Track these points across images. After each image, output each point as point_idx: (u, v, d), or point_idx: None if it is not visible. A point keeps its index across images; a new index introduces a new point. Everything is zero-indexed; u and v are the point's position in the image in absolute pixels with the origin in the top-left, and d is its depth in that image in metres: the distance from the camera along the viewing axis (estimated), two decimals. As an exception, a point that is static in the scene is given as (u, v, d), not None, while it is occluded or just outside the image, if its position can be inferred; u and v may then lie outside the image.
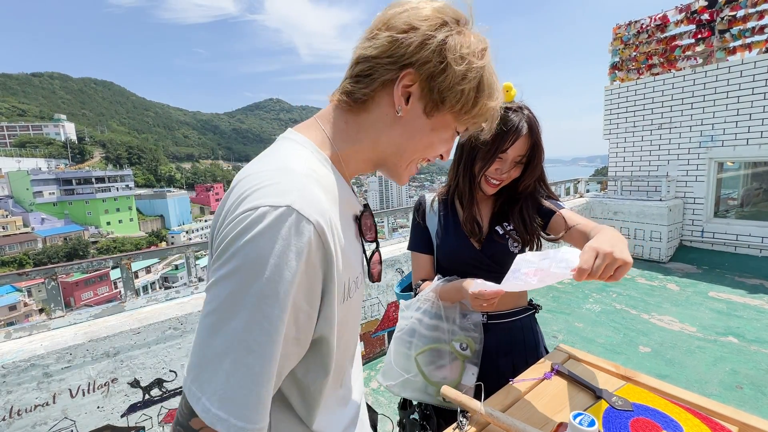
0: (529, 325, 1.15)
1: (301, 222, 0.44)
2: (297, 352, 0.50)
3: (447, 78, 0.52)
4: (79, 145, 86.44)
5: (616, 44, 5.99)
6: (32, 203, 52.61)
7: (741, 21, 4.75)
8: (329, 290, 0.49)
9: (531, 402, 0.83)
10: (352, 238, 0.59)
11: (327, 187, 0.52)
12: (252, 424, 0.43)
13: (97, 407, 1.75)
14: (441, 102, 0.54)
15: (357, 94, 0.55)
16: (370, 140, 0.58)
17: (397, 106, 0.55)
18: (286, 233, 0.43)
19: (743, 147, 4.72)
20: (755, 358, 2.67)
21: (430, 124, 0.57)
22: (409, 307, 1.05)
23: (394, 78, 0.53)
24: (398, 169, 0.61)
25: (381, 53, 0.53)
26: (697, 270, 4.62)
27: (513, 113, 1.00)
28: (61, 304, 1.88)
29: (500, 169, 1.03)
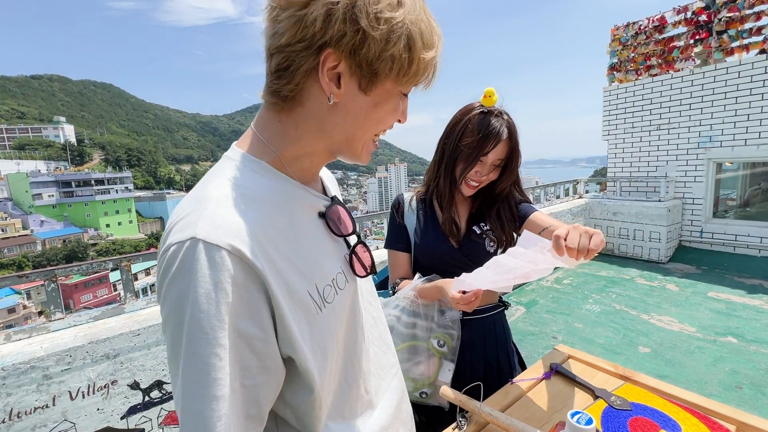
0: (499, 321, 1.19)
1: (211, 250, 0.42)
2: (270, 379, 0.47)
3: (370, 47, 0.46)
4: (78, 148, 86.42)
5: (614, 45, 6.01)
6: (31, 205, 52.57)
7: (738, 22, 4.77)
8: (279, 310, 0.46)
9: (530, 402, 0.83)
10: (316, 239, 0.55)
11: (258, 199, 0.49)
12: None
13: (96, 409, 1.75)
14: (374, 74, 0.48)
15: (283, 92, 0.49)
16: (312, 133, 0.53)
17: (328, 93, 0.48)
18: (196, 267, 0.41)
19: (741, 147, 4.74)
20: (755, 358, 2.67)
21: (371, 100, 0.51)
22: (387, 305, 1.07)
23: (316, 64, 0.47)
24: (355, 152, 0.56)
25: (290, 40, 0.46)
26: (697, 270, 4.62)
27: (494, 118, 1.04)
28: (61, 306, 1.89)
29: (480, 172, 1.07)
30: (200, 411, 0.41)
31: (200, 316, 0.41)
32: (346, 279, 0.58)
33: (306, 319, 0.49)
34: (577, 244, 0.72)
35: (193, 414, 0.42)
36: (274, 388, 0.48)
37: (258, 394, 0.46)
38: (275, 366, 0.48)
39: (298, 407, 0.52)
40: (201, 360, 0.41)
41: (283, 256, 0.48)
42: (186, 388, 0.42)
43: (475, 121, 1.06)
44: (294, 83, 0.49)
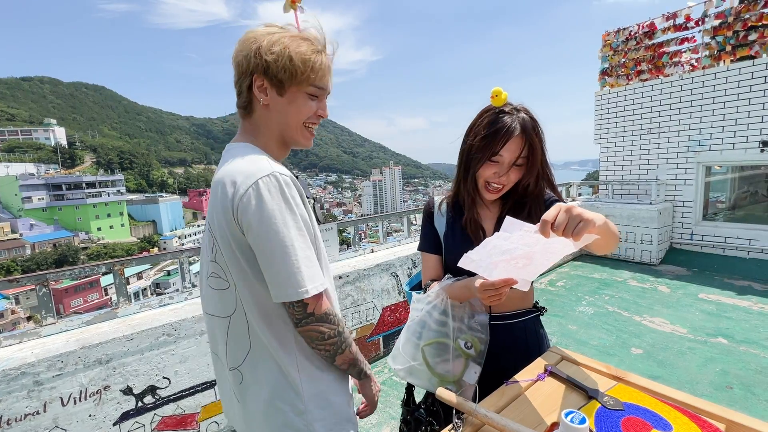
0: (532, 328, 1.14)
1: (283, 177, 0.77)
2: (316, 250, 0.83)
3: (272, 66, 0.79)
4: (69, 150, 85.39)
5: (605, 51, 6.10)
6: (21, 209, 51.75)
7: (726, 29, 4.87)
8: (310, 213, 0.84)
9: (525, 403, 0.84)
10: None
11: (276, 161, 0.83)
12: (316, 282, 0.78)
13: (88, 415, 1.73)
14: (280, 82, 0.81)
15: (242, 104, 0.86)
16: (267, 129, 0.87)
17: (259, 99, 0.83)
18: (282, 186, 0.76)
19: (730, 151, 4.83)
20: (744, 359, 2.72)
21: (285, 100, 0.83)
22: (420, 301, 1.09)
23: (250, 83, 0.82)
24: (295, 138, 0.88)
25: (238, 74, 0.84)
26: (687, 272, 4.69)
27: (506, 115, 1.00)
28: (52, 310, 1.86)
29: (498, 173, 1.02)
30: (308, 255, 0.78)
31: (294, 209, 0.77)
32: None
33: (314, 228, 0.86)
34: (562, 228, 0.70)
35: (305, 259, 0.77)
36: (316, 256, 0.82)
37: (314, 257, 0.80)
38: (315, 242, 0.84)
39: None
40: (297, 230, 0.77)
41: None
42: (297, 247, 0.76)
43: (487, 120, 1.03)
44: (244, 97, 0.85)
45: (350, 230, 3.59)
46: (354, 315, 2.81)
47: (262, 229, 0.74)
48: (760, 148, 4.57)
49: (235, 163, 0.79)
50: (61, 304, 31.77)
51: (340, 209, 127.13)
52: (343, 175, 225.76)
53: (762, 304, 3.60)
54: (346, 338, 0.83)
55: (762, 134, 4.55)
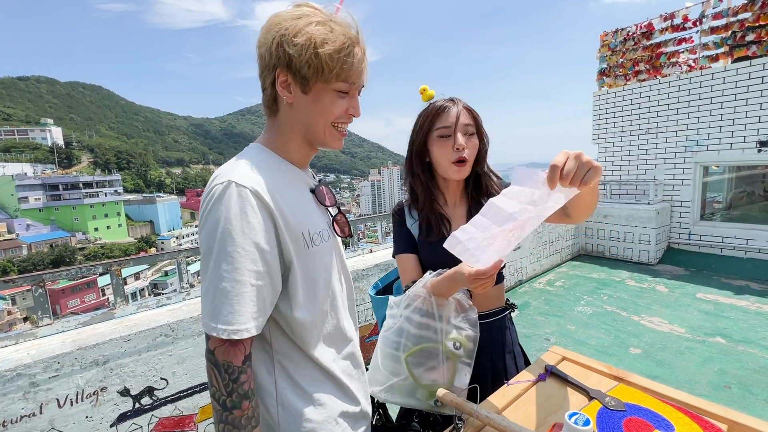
0: (506, 325, 1.17)
1: (239, 188, 0.66)
2: (272, 284, 0.69)
3: (295, 60, 0.70)
4: (66, 150, 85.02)
5: (603, 51, 6.11)
6: (17, 209, 51.49)
7: (723, 29, 4.89)
8: (282, 236, 0.70)
9: (526, 403, 0.84)
10: (310, 203, 0.81)
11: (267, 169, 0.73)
12: (229, 326, 0.63)
13: (85, 417, 1.71)
14: (306, 78, 0.71)
15: (266, 102, 0.78)
16: (290, 130, 0.78)
17: (282, 96, 0.74)
18: (230, 197, 0.66)
19: (727, 151, 4.84)
20: (742, 358, 2.72)
21: (311, 98, 0.74)
22: (398, 305, 1.00)
23: (274, 79, 0.73)
24: (320, 139, 0.78)
25: (261, 68, 0.75)
26: (685, 272, 4.70)
27: (434, 102, 1.09)
28: (48, 311, 1.85)
29: (456, 143, 1.04)
30: (224, 287, 0.64)
31: (230, 227, 0.65)
32: (329, 235, 0.82)
33: (296, 249, 0.73)
34: (572, 176, 0.66)
35: (219, 291, 0.64)
36: (272, 292, 0.70)
37: (263, 293, 0.68)
38: (276, 274, 0.70)
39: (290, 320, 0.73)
40: (228, 255, 0.64)
41: (284, 203, 0.71)
42: (215, 274, 0.64)
43: (423, 113, 1.11)
44: (268, 94, 0.76)
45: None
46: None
47: (202, 242, 0.68)
48: (758, 148, 4.59)
49: (223, 166, 0.73)
50: (58, 304, 31.61)
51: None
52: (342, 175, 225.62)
53: (759, 304, 3.61)
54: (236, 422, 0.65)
55: (759, 134, 4.57)
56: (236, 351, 0.64)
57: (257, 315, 0.66)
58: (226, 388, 0.64)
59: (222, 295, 0.63)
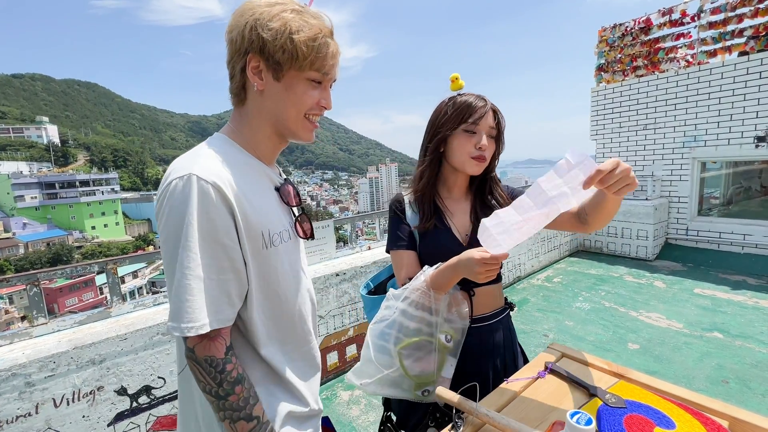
0: (506, 324, 1.16)
1: (200, 182, 0.63)
2: (238, 278, 0.68)
3: (269, 45, 0.67)
4: (62, 148, 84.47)
5: (601, 46, 6.09)
6: (13, 208, 51.19)
7: (721, 24, 4.88)
8: (241, 233, 0.68)
9: (526, 401, 0.83)
10: (273, 201, 0.78)
11: (231, 162, 0.70)
12: (193, 323, 0.61)
13: (82, 416, 1.70)
14: (278, 65, 0.69)
15: (234, 90, 0.74)
16: (258, 120, 0.75)
17: (252, 83, 0.70)
18: (191, 192, 0.62)
19: (725, 147, 4.85)
20: (740, 353, 2.73)
21: (282, 86, 0.71)
22: (396, 297, 0.99)
23: (245, 65, 0.70)
24: (292, 130, 0.76)
25: (230, 54, 0.72)
26: (683, 267, 4.71)
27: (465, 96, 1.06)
28: (43, 311, 1.83)
29: (478, 142, 1.04)
30: (188, 284, 0.62)
31: (192, 222, 0.62)
32: (290, 237, 0.79)
33: (252, 249, 0.70)
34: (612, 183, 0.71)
35: (181, 287, 0.62)
36: (238, 285, 0.69)
37: (229, 287, 0.67)
38: (241, 268, 0.69)
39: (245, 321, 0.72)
40: (191, 250, 0.62)
41: (246, 200, 0.68)
42: (180, 272, 0.62)
43: (452, 102, 1.07)
44: (237, 81, 0.73)
45: (347, 227, 3.56)
46: (351, 312, 2.79)
47: (162, 239, 0.65)
48: (755, 144, 4.59)
49: (181, 157, 0.70)
50: (56, 303, 31.49)
51: (337, 206, 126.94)
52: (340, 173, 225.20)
53: (756, 299, 3.63)
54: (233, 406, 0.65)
55: (757, 129, 4.57)
56: (216, 344, 0.64)
57: (224, 307, 0.65)
58: (214, 381, 0.64)
59: (186, 292, 0.61)
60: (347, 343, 2.77)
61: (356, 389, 2.52)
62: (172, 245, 0.63)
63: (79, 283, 33.98)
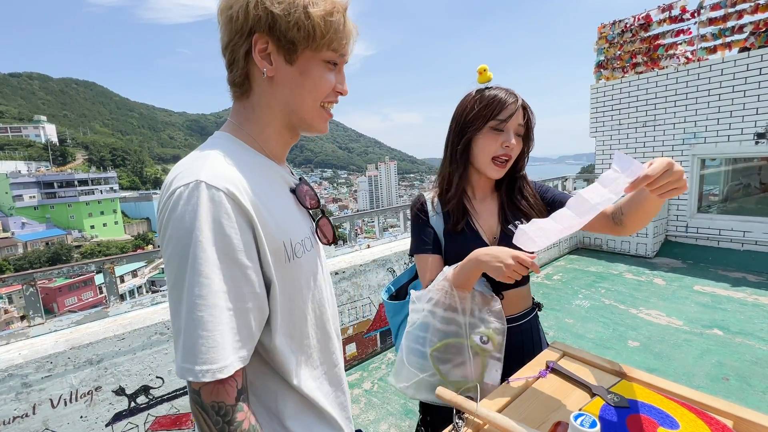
0: (535, 324, 1.13)
1: (211, 190, 0.52)
2: (258, 306, 0.57)
3: (280, 21, 0.57)
4: (60, 148, 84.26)
5: (601, 43, 6.07)
6: (12, 207, 51.09)
7: (721, 20, 4.86)
8: (262, 248, 0.57)
9: (527, 401, 0.82)
10: (291, 206, 0.67)
11: (242, 164, 0.59)
12: (212, 364, 0.50)
13: (80, 417, 1.69)
14: (292, 44, 0.59)
15: (236, 79, 0.62)
16: (268, 113, 0.64)
17: (262, 69, 0.60)
18: (199, 202, 0.51)
19: (724, 144, 4.83)
20: (740, 350, 2.73)
21: (297, 70, 0.61)
22: (420, 299, 0.95)
23: (250, 48, 0.59)
24: (308, 122, 0.65)
25: (230, 36, 0.59)
26: (682, 264, 4.71)
27: (493, 90, 1.00)
28: (40, 310, 1.81)
29: (505, 141, 0.98)
30: (202, 317, 0.50)
31: (203, 239, 0.50)
32: (312, 244, 0.68)
33: (275, 264, 0.59)
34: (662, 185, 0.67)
35: (195, 320, 0.50)
36: (259, 314, 0.57)
37: (249, 317, 0.55)
38: (261, 293, 0.57)
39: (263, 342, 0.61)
40: (203, 275, 0.50)
41: (265, 208, 0.58)
42: (190, 301, 0.50)
43: (480, 96, 1.01)
44: (240, 69, 0.61)
45: (346, 226, 3.55)
46: (350, 311, 2.78)
47: (166, 259, 0.54)
48: (755, 140, 4.58)
49: (180, 162, 0.59)
50: (55, 302, 31.47)
51: (336, 205, 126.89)
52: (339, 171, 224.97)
53: (756, 296, 3.62)
54: None
55: (757, 126, 4.56)
56: (226, 388, 0.52)
57: (244, 342, 0.54)
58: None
59: (199, 327, 0.50)
60: (347, 341, 2.76)
61: (355, 388, 2.51)
62: (177, 268, 0.51)
63: (78, 283, 33.96)
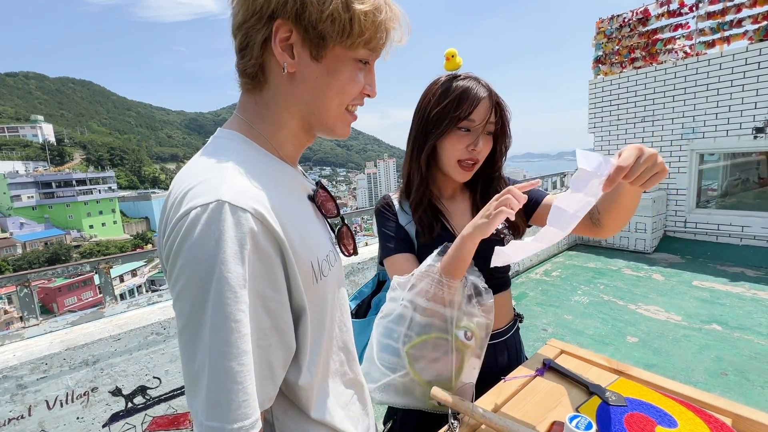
0: (518, 337, 1.08)
1: (236, 213, 0.43)
2: (282, 341, 0.49)
3: (310, 10, 0.48)
4: (58, 147, 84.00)
5: (599, 38, 6.04)
6: (10, 207, 50.98)
7: (719, 14, 4.84)
8: (293, 273, 0.49)
9: (523, 400, 0.81)
10: (312, 218, 0.59)
11: (262, 174, 0.51)
12: (244, 420, 0.42)
13: (76, 418, 1.68)
14: (321, 39, 0.50)
15: (248, 69, 0.52)
16: (284, 110, 0.55)
17: (281, 63, 0.50)
18: (223, 228, 0.42)
19: (723, 138, 4.82)
20: (738, 345, 2.73)
21: (323, 69, 0.52)
22: (402, 286, 0.84)
23: (269, 35, 0.49)
24: (327, 125, 0.57)
25: (245, 16, 0.50)
26: (681, 260, 4.71)
27: (464, 80, 0.89)
28: (35, 311, 1.80)
29: (471, 144, 0.89)
30: (231, 367, 0.42)
31: (228, 275, 0.41)
32: (335, 258, 0.61)
33: (306, 288, 0.51)
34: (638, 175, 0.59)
35: (224, 371, 0.41)
36: (284, 352, 0.49)
37: (270, 356, 0.47)
38: (286, 328, 0.49)
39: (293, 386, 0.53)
40: (231, 318, 0.42)
41: (293, 226, 0.50)
42: (215, 348, 0.42)
43: (443, 88, 0.90)
44: (254, 58, 0.51)
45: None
46: (349, 309, 2.78)
47: (177, 292, 0.45)
48: (754, 135, 4.57)
49: (188, 169, 0.50)
50: (55, 302, 31.46)
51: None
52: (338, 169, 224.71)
53: (755, 290, 3.62)
54: None
55: (755, 120, 4.55)
56: None
57: (269, 382, 0.48)
58: None
59: (228, 379, 0.41)
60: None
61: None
62: (194, 305, 0.43)
63: (78, 282, 33.94)
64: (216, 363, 0.42)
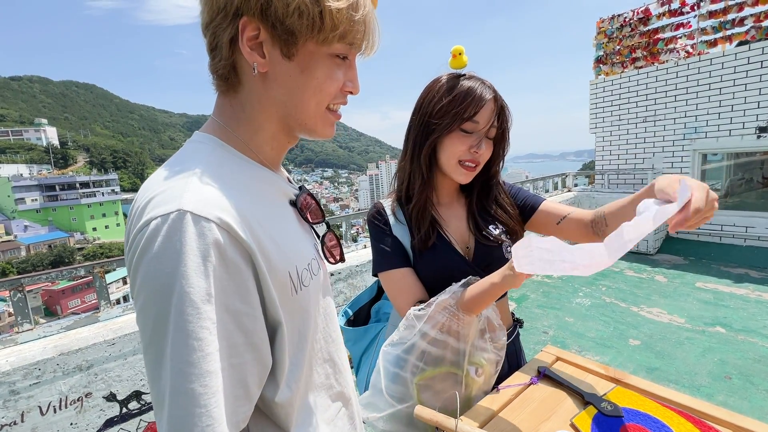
0: (519, 344, 1.06)
1: (199, 223, 0.40)
2: (257, 358, 0.45)
3: (276, 4, 0.45)
4: (61, 150, 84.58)
5: (600, 38, 6.01)
6: (14, 210, 51.31)
7: (721, 13, 4.80)
8: (265, 285, 0.46)
9: (516, 410, 0.78)
10: (293, 224, 0.56)
11: (234, 180, 0.48)
12: None
13: (70, 424, 1.67)
14: (291, 34, 0.47)
15: (220, 70, 0.50)
16: (259, 112, 0.52)
17: (251, 63, 0.48)
18: (184, 239, 0.39)
19: (726, 138, 4.78)
20: (742, 348, 2.69)
21: (296, 66, 0.49)
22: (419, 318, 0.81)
23: (236, 34, 0.47)
24: (307, 126, 0.54)
25: (211, 15, 0.47)
26: (684, 261, 4.66)
27: (469, 80, 0.87)
28: (29, 316, 1.79)
29: (474, 146, 0.86)
30: (193, 390, 0.38)
31: (190, 290, 0.39)
32: (318, 266, 0.58)
33: (282, 300, 0.48)
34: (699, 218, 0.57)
35: (185, 394, 0.38)
36: (259, 369, 0.46)
37: (245, 374, 0.44)
38: (261, 343, 0.46)
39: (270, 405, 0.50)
40: (192, 336, 0.39)
41: (266, 234, 0.47)
42: (176, 368, 0.39)
43: (448, 86, 0.87)
44: (224, 59, 0.49)
45: (342, 226, 3.52)
46: (347, 312, 2.76)
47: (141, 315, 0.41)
48: (757, 134, 4.53)
49: (155, 177, 0.47)
50: (59, 305, 31.60)
51: (337, 204, 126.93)
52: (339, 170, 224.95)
53: (759, 292, 3.58)
54: None
55: (759, 120, 4.50)
56: None
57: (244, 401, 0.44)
58: None
59: (191, 404, 0.38)
60: (343, 343, 2.73)
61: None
62: (155, 323, 0.40)
63: (81, 285, 34.06)
64: (177, 385, 0.38)
